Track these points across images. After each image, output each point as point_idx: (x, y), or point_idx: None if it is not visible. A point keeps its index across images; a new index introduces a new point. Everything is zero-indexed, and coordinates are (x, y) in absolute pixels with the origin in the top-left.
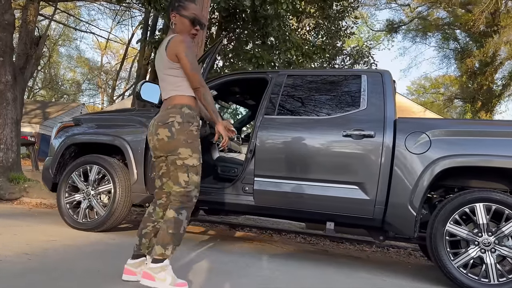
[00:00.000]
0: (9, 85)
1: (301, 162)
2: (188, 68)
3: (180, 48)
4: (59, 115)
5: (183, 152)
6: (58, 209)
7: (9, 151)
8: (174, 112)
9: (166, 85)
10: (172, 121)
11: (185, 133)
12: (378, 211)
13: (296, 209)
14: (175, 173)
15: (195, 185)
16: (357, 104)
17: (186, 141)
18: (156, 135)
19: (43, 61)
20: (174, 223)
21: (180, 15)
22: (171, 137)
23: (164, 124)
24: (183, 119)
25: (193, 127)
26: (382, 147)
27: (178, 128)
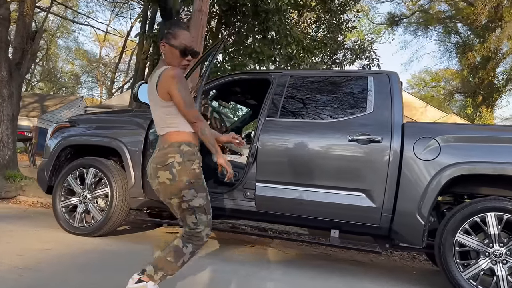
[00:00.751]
0: (4, 81)
1: (304, 168)
2: (182, 105)
3: (172, 85)
4: (57, 108)
5: (187, 194)
6: (54, 213)
7: (5, 148)
8: (172, 151)
9: (159, 121)
10: (172, 162)
11: (187, 173)
12: (384, 219)
13: (299, 216)
14: (182, 215)
15: (204, 225)
16: (363, 107)
17: (190, 182)
18: (157, 179)
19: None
20: (176, 252)
21: (169, 45)
22: (173, 180)
23: (164, 166)
24: (183, 157)
25: (194, 165)
26: (389, 153)
27: (179, 169)
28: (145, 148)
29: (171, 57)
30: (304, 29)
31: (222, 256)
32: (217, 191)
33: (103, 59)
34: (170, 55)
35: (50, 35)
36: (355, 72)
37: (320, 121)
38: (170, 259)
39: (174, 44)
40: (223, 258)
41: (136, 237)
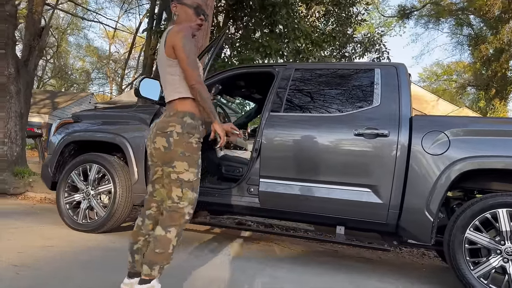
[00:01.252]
0: (12, 78)
1: (309, 163)
2: (185, 61)
3: (176, 39)
4: (68, 105)
5: (179, 165)
6: (58, 209)
7: (13, 144)
8: (174, 120)
9: (166, 86)
10: (171, 130)
11: (183, 145)
12: (392, 216)
13: (303, 212)
14: (168, 186)
15: (189, 201)
16: (370, 100)
17: (184, 154)
18: (153, 143)
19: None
20: (162, 242)
21: (181, 4)
22: (168, 148)
23: (163, 133)
24: (183, 129)
25: (193, 139)
26: (396, 147)
27: (176, 139)
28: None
29: (184, 17)
30: (313, 22)
31: (228, 253)
32: (221, 187)
33: (113, 56)
34: (183, 15)
35: (61, 32)
36: (361, 64)
37: (325, 115)
38: (158, 250)
39: (186, 2)
40: (228, 254)
41: None
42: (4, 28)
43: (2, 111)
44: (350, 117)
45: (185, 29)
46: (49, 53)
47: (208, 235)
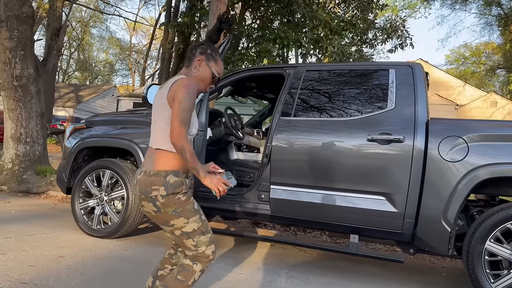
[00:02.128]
0: (31, 78)
1: (320, 170)
2: (177, 117)
3: (180, 93)
4: (91, 98)
5: (177, 222)
6: (73, 215)
7: (35, 144)
8: (156, 182)
9: (155, 130)
10: (155, 195)
11: (172, 205)
12: (407, 225)
13: (315, 220)
14: (179, 240)
15: (206, 244)
16: (384, 103)
17: (176, 211)
18: (142, 206)
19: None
20: (186, 271)
21: (208, 66)
22: (158, 211)
23: (147, 198)
24: (168, 190)
25: (180, 195)
26: (412, 154)
27: (163, 202)
28: None
29: (202, 76)
30: (332, 9)
31: (238, 258)
32: (232, 193)
33: (135, 47)
34: (202, 74)
35: (84, 25)
36: (375, 64)
37: (337, 119)
38: (181, 278)
39: (212, 67)
40: (239, 260)
41: (156, 237)
42: (22, 30)
43: (24, 112)
44: (363, 121)
45: (193, 86)
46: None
47: (221, 237)
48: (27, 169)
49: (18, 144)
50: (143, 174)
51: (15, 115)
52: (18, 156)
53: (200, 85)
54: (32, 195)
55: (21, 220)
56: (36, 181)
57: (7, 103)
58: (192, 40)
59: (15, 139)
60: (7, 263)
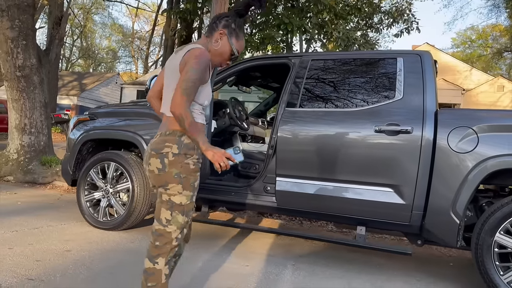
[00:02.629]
0: (34, 69)
1: (326, 161)
2: (182, 84)
3: (192, 61)
4: (95, 86)
5: (173, 187)
6: (79, 207)
7: (40, 134)
8: (171, 140)
9: (168, 96)
10: (167, 151)
11: (178, 166)
12: (415, 217)
13: (322, 212)
14: (158, 207)
15: (177, 225)
16: (392, 93)
17: (179, 176)
18: (148, 165)
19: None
20: (152, 274)
21: (228, 41)
22: (162, 169)
23: (158, 154)
24: (180, 149)
25: (191, 159)
26: (420, 145)
27: (171, 160)
28: None
29: (220, 50)
30: None
31: (243, 250)
32: (237, 185)
33: (138, 33)
34: (222, 47)
35: (86, 12)
36: (382, 53)
37: (343, 109)
38: (151, 284)
39: (233, 43)
40: (244, 252)
41: None
42: (23, 19)
43: (27, 102)
44: (370, 112)
45: (205, 58)
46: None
47: (225, 230)
48: (33, 159)
49: (22, 135)
50: (158, 136)
51: (18, 105)
52: (23, 147)
53: (216, 59)
54: (38, 185)
55: (28, 212)
56: (41, 171)
57: (10, 94)
58: (195, 26)
59: (20, 129)
60: (14, 258)
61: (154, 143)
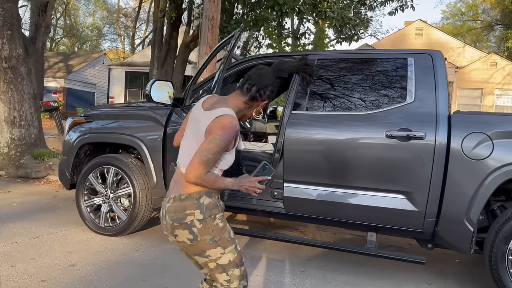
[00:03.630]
0: (21, 59)
1: (336, 167)
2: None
3: (216, 132)
4: (81, 67)
5: (213, 253)
6: (79, 213)
7: (30, 127)
8: (190, 205)
9: (188, 152)
10: (191, 220)
11: (210, 231)
12: (428, 224)
13: (332, 219)
14: (212, 273)
15: (239, 279)
16: (402, 95)
17: (214, 240)
18: (174, 236)
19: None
20: None
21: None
22: (194, 239)
23: (182, 224)
24: (204, 213)
25: (217, 219)
26: (434, 151)
27: (200, 228)
28: (165, 145)
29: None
30: None
31: (249, 256)
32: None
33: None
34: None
35: None
36: (391, 52)
37: (353, 113)
38: None
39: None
40: (253, 259)
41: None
42: (7, 8)
43: (16, 94)
44: (380, 116)
45: (233, 130)
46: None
47: None
48: (24, 153)
49: (12, 128)
50: (173, 201)
51: (6, 98)
52: (13, 140)
53: (246, 114)
54: (32, 180)
55: (25, 216)
56: (34, 165)
57: None
58: (184, 8)
59: (9, 122)
60: (17, 279)
61: (172, 211)
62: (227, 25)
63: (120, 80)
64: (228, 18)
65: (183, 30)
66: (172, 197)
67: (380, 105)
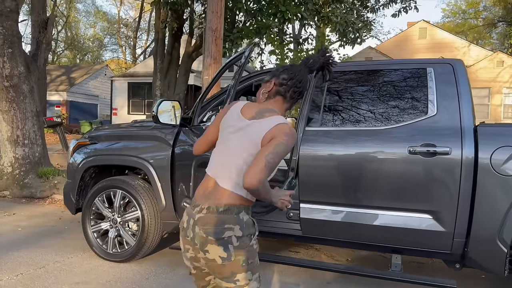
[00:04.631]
0: (23, 77)
1: (355, 185)
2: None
3: (283, 137)
4: (84, 79)
5: (242, 278)
6: (85, 239)
7: (34, 145)
8: (230, 220)
9: (229, 164)
10: (229, 236)
11: (245, 252)
12: (457, 245)
13: (353, 241)
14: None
15: None
16: (424, 108)
17: (247, 262)
18: (203, 252)
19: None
20: None
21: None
22: (228, 259)
23: (219, 240)
24: (243, 231)
25: (253, 241)
26: (460, 167)
27: (237, 246)
28: (173, 166)
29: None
30: None
31: (268, 279)
32: (256, 211)
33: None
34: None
35: (69, 1)
36: (410, 62)
37: (372, 128)
38: None
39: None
40: (267, 282)
41: (172, 254)
42: (7, 26)
43: (18, 113)
44: (401, 130)
45: (295, 136)
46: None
47: None
48: (28, 172)
49: (16, 147)
50: (207, 212)
51: (9, 117)
52: (17, 160)
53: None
54: (37, 200)
55: (30, 243)
56: (39, 185)
57: None
58: (186, 18)
59: (12, 141)
60: None
61: (208, 224)
62: (229, 34)
63: (123, 91)
64: (230, 27)
65: (185, 39)
66: (205, 207)
67: (401, 119)
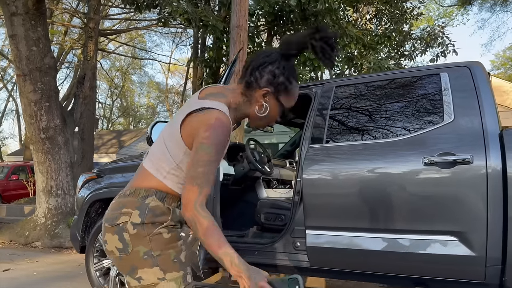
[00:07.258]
0: (58, 129)
1: (367, 207)
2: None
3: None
4: (133, 142)
5: (146, 275)
6: (88, 277)
7: (66, 195)
8: (130, 203)
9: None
10: (124, 221)
11: (146, 241)
12: (492, 273)
13: (369, 272)
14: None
15: None
16: (439, 115)
17: (150, 255)
18: (104, 243)
19: (118, 91)
20: None
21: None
22: (124, 251)
23: (113, 226)
24: (143, 217)
25: (162, 229)
26: (486, 177)
27: (133, 234)
28: None
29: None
30: (364, 25)
31: None
32: (260, 242)
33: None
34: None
35: (123, 72)
36: (421, 69)
37: (381, 141)
38: None
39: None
40: None
41: None
42: (45, 81)
43: (53, 164)
44: (415, 140)
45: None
46: (115, 93)
47: None
48: (60, 222)
49: (49, 198)
50: (118, 197)
51: (44, 168)
52: (50, 210)
53: (260, 123)
54: (65, 250)
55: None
56: (68, 234)
57: (36, 157)
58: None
59: (46, 192)
60: None
61: (109, 209)
62: None
63: None
64: None
65: None
66: (119, 194)
67: (413, 129)
